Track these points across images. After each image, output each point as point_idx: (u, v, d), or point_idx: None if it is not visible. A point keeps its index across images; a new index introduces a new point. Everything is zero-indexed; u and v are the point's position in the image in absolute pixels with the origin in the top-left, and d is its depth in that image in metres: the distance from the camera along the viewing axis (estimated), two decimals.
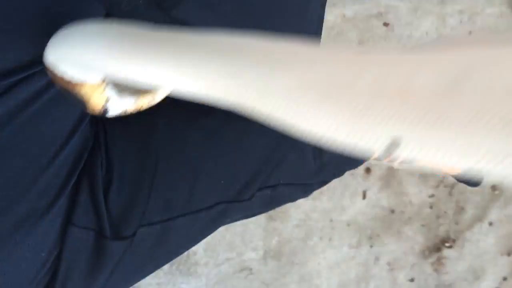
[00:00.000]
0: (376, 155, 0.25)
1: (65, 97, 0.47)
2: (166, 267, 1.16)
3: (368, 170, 1.28)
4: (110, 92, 0.43)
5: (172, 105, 0.56)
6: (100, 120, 0.53)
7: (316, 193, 0.64)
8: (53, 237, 0.47)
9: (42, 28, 0.45)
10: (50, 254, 0.47)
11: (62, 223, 0.47)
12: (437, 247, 1.38)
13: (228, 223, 0.58)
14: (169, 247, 0.52)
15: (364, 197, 1.28)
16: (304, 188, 0.59)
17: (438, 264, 1.40)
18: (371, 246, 1.30)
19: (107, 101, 0.44)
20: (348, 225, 1.27)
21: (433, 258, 1.38)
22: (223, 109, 0.55)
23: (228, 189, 0.53)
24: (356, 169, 1.25)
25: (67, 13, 0.47)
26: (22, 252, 0.45)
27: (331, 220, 1.25)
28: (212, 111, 0.55)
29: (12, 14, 0.43)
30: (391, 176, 1.31)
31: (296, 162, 0.56)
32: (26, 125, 0.45)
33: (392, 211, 1.31)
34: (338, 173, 0.62)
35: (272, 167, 0.55)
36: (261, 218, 1.17)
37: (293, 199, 0.61)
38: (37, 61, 0.44)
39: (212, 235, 0.57)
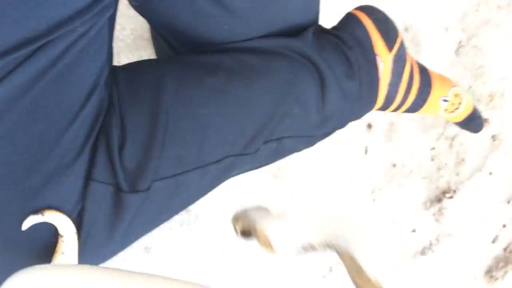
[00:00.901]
0: None
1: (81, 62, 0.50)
2: (177, 227, 1.20)
3: (369, 125, 1.31)
4: None
5: (178, 64, 0.58)
6: (114, 83, 0.56)
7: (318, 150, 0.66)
8: (76, 192, 0.50)
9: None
10: (74, 207, 0.50)
11: (84, 178, 0.50)
12: (438, 198, 1.42)
13: (236, 175, 0.61)
14: (182, 198, 0.55)
15: (366, 152, 1.31)
16: (308, 140, 0.62)
17: (439, 215, 1.44)
18: (373, 200, 1.33)
19: None
20: (351, 180, 1.30)
21: (434, 209, 1.42)
22: (227, 67, 0.58)
23: (235, 144, 0.56)
24: (357, 124, 1.27)
25: None
26: (50, 206, 0.49)
27: (334, 177, 1.28)
28: (216, 68, 0.57)
29: None
30: (392, 131, 1.33)
31: (300, 116, 0.59)
32: (47, 90, 0.48)
33: (394, 165, 1.34)
34: (340, 125, 0.64)
35: (277, 121, 0.57)
36: (266, 177, 1.20)
37: (297, 150, 0.63)
38: (52, 29, 0.47)
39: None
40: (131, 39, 1.10)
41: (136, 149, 0.52)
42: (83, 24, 0.49)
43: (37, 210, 0.49)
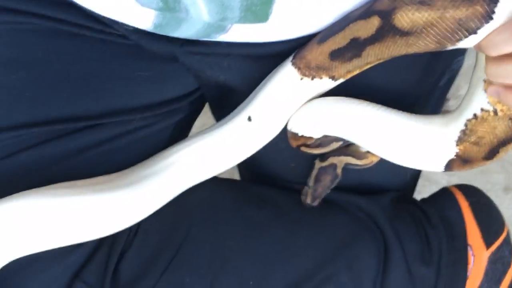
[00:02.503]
0: None
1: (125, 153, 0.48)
2: None
3: None
4: None
5: (226, 185, 0.53)
6: None
7: None
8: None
9: (125, 86, 0.48)
10: None
11: (71, 275, 0.45)
12: None
13: None
14: None
15: None
16: None
17: None
18: None
19: None
20: None
21: None
22: (277, 205, 0.51)
23: None
24: None
25: (152, 78, 0.49)
26: None
27: None
28: (265, 202, 0.51)
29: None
30: None
31: (349, 287, 0.48)
32: (78, 168, 0.46)
33: None
34: None
35: (316, 283, 0.47)
36: None
37: None
38: (106, 115, 0.47)
39: None
40: None
41: (137, 261, 0.46)
42: (142, 119, 0.49)
43: None
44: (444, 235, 0.50)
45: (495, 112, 0.40)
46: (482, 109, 0.40)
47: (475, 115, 0.41)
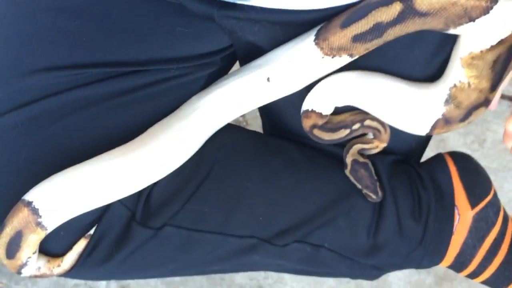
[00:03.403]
0: None
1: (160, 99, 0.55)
2: None
3: None
4: None
5: (248, 135, 0.60)
6: None
7: None
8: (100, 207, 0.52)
9: (166, 39, 0.54)
10: (92, 219, 0.52)
11: None
12: None
13: (261, 266, 0.60)
14: (192, 256, 0.55)
15: None
16: (351, 264, 0.57)
17: None
18: None
19: None
20: None
21: None
22: (291, 155, 0.58)
23: (264, 228, 0.54)
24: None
25: (191, 34, 0.55)
26: None
27: None
28: (281, 152, 0.58)
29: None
30: None
31: (345, 230, 0.55)
32: (118, 109, 0.53)
33: None
34: (394, 265, 0.58)
35: (317, 225, 0.54)
36: None
37: (336, 270, 0.59)
38: (150, 62, 0.53)
39: None
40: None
41: (166, 189, 0.53)
42: (179, 69, 0.55)
43: None
44: (434, 195, 0.56)
45: (469, 84, 0.50)
46: (460, 81, 0.50)
47: (455, 84, 0.51)
